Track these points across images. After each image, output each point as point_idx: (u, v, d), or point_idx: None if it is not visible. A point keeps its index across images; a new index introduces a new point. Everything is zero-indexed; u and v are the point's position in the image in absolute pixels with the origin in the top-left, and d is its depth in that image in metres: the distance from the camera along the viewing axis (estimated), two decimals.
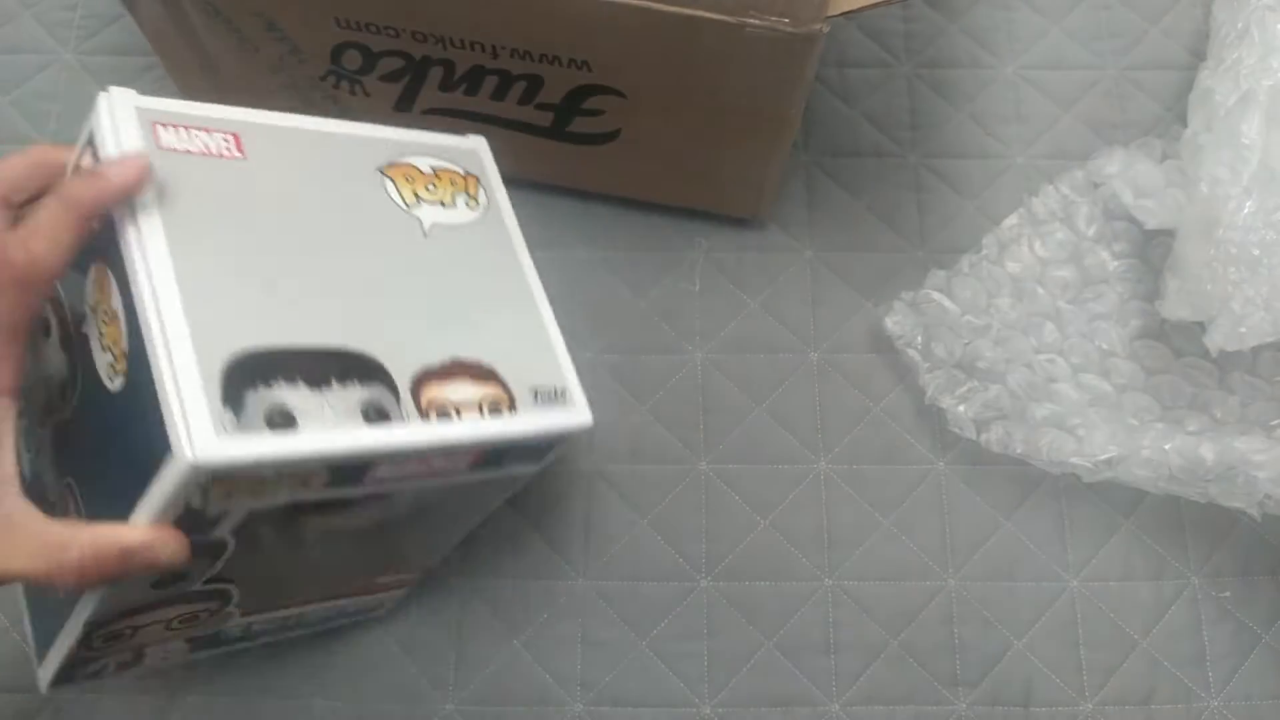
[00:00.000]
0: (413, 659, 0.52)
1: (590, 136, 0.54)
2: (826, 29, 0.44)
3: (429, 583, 0.53)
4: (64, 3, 0.65)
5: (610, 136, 0.54)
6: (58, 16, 0.65)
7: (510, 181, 0.60)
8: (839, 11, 0.44)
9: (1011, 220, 0.59)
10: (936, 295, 0.57)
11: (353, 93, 0.54)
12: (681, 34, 0.45)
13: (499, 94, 0.52)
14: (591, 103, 0.51)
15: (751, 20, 0.44)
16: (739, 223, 0.60)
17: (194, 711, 0.51)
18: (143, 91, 0.62)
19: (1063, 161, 0.61)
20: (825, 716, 0.51)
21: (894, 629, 0.52)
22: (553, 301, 0.58)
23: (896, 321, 0.56)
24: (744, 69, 0.47)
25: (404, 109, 0.55)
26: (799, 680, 0.51)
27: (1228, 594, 0.53)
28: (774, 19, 0.44)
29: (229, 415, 0.31)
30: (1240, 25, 0.56)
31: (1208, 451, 0.49)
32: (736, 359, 0.57)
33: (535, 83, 0.51)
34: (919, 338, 0.55)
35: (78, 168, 0.35)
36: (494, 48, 0.49)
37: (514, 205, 0.60)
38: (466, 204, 0.43)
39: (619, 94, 0.51)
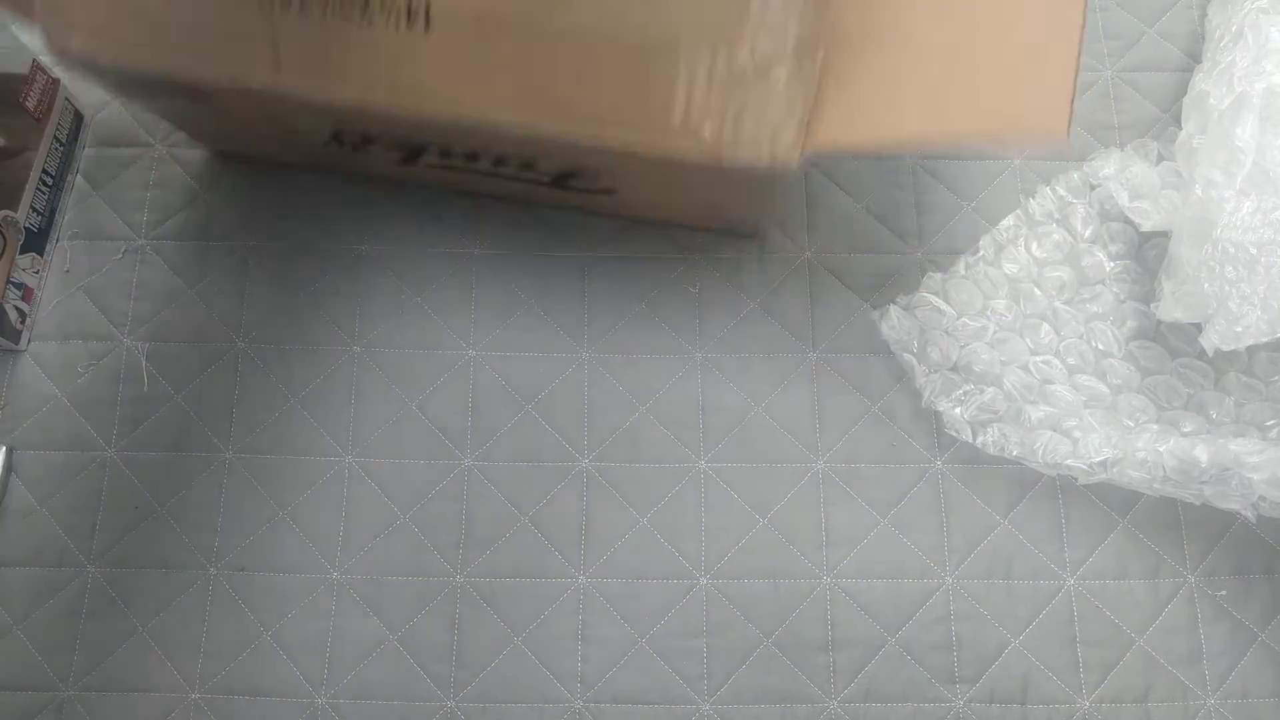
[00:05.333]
0: (414, 656, 0.52)
1: (589, 191, 0.55)
2: (802, 161, 0.44)
3: (429, 580, 0.53)
4: None
5: (607, 191, 0.55)
6: None
7: (512, 198, 0.61)
8: (812, 150, 0.44)
9: (1008, 221, 0.59)
10: (933, 299, 0.57)
11: (355, 150, 0.55)
12: (664, 165, 0.46)
13: (496, 166, 0.53)
14: (584, 182, 0.53)
15: (729, 158, 0.44)
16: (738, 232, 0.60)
17: (199, 709, 0.52)
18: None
19: (1059, 163, 0.61)
20: (824, 713, 0.51)
21: (892, 627, 0.52)
22: (554, 301, 0.58)
23: (892, 326, 0.56)
24: (726, 187, 0.48)
25: (408, 164, 0.55)
26: (797, 677, 0.52)
27: (1224, 592, 0.53)
28: (750, 158, 0.44)
29: None
30: (1234, 28, 0.57)
31: (1202, 453, 0.50)
32: (735, 359, 0.57)
33: (529, 164, 0.52)
34: (915, 342, 0.56)
35: None
36: (487, 147, 0.50)
37: (515, 211, 0.61)
38: None
39: (608, 191, 0.52)
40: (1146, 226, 0.56)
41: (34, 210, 0.59)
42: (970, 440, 0.54)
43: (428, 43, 0.44)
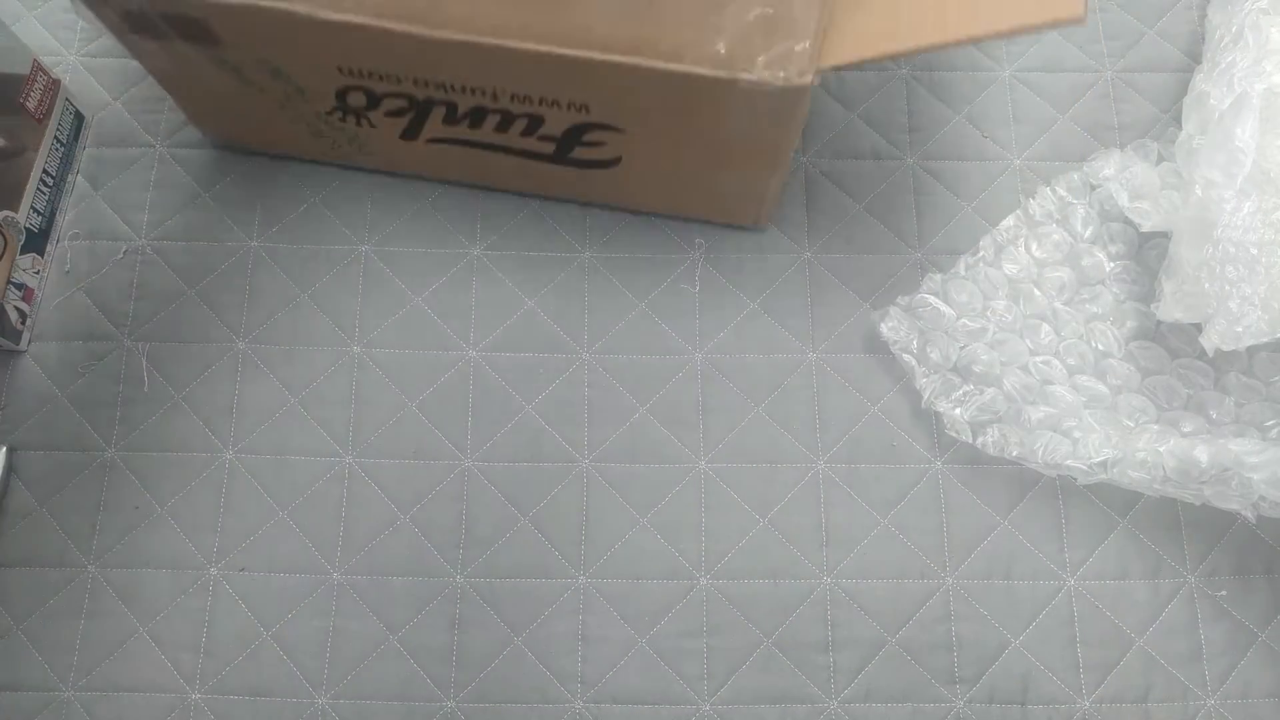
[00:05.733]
0: (414, 656, 0.52)
1: (592, 163, 0.55)
2: (817, 81, 0.44)
3: (429, 580, 0.53)
4: (68, 6, 0.65)
5: (611, 163, 0.54)
6: (61, 19, 0.65)
7: (513, 185, 0.61)
8: (829, 65, 0.44)
9: (1008, 222, 0.59)
10: (932, 299, 0.57)
11: (359, 124, 0.55)
12: (676, 86, 0.46)
13: (501, 128, 0.53)
14: (591, 136, 0.52)
15: (743, 76, 0.44)
16: (738, 224, 0.60)
17: (199, 709, 0.52)
18: (145, 97, 0.63)
19: (1059, 163, 0.61)
20: (824, 714, 0.51)
21: (892, 627, 0.52)
22: (554, 301, 0.59)
23: (892, 327, 0.56)
24: (738, 115, 0.48)
25: (410, 138, 0.55)
26: (797, 677, 0.52)
27: (1224, 592, 0.53)
28: (765, 74, 0.44)
29: None
30: (1234, 29, 0.56)
31: (1202, 454, 0.50)
32: (735, 359, 0.57)
33: (536, 121, 0.52)
34: (914, 342, 0.56)
35: None
36: (494, 92, 0.50)
37: (514, 208, 0.61)
38: None
39: (618, 129, 0.51)
40: (1146, 227, 0.56)
41: (34, 210, 0.59)
42: (970, 441, 0.54)
43: None
